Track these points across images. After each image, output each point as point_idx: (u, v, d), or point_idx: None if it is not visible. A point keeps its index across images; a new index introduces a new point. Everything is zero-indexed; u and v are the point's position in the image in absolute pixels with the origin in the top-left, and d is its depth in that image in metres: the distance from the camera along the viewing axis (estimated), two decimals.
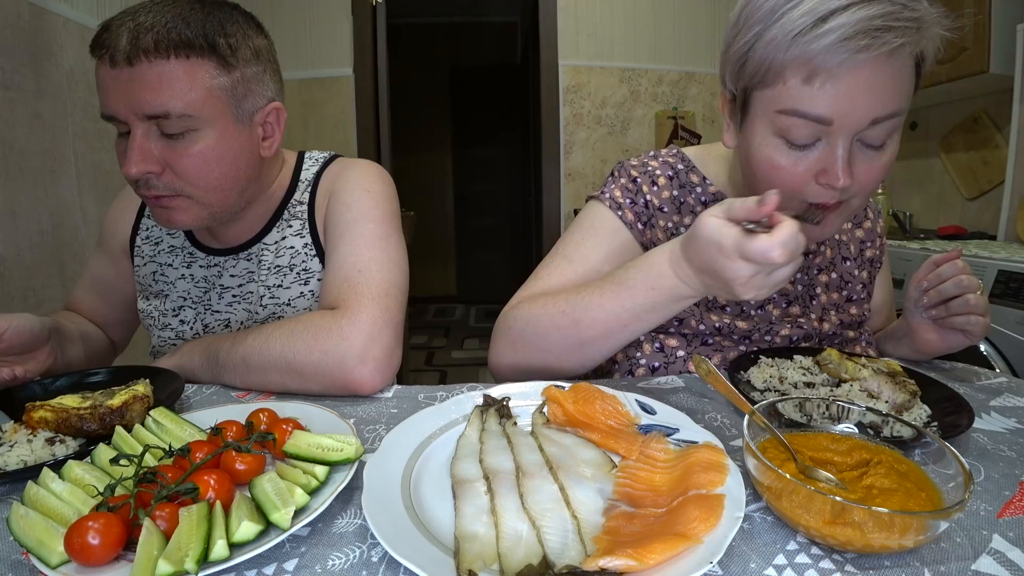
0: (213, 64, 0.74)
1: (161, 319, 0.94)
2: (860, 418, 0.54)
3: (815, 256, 0.87)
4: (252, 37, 0.80)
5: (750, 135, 0.69)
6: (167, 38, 0.70)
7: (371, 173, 0.93)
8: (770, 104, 0.64)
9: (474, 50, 5.37)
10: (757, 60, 0.63)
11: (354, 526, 0.45)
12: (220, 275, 0.92)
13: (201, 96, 0.73)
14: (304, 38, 2.97)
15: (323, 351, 0.72)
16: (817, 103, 0.60)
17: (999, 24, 2.11)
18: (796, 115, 0.62)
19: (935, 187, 2.87)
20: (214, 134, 0.75)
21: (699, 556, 0.38)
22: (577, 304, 0.69)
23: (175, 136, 0.73)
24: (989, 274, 1.67)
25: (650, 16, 3.13)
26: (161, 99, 0.70)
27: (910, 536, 0.38)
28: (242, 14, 0.80)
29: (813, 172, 0.65)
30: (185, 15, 0.72)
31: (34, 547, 0.39)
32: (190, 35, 0.71)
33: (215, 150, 0.76)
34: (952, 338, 0.78)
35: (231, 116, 0.77)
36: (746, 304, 0.83)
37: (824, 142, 0.64)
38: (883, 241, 0.93)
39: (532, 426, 0.60)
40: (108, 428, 0.58)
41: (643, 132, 3.23)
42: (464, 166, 5.57)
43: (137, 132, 0.72)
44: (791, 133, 0.64)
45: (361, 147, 3.02)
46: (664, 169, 0.86)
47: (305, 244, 0.90)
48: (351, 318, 0.74)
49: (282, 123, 0.85)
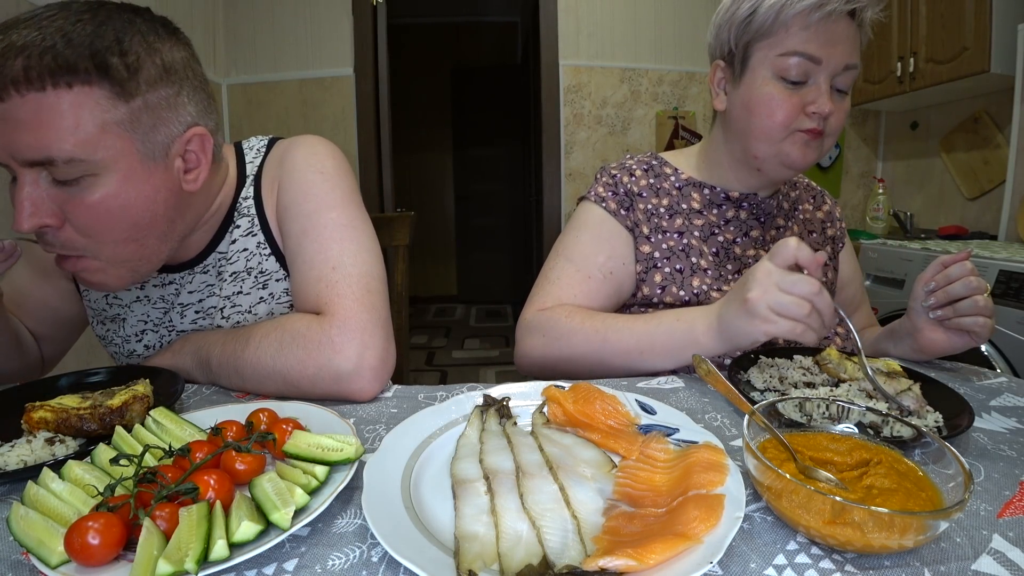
0: (105, 93, 0.59)
1: (124, 345, 0.86)
2: (860, 418, 0.54)
3: (784, 229, 0.97)
4: (160, 51, 0.64)
5: (750, 83, 0.85)
6: (40, 63, 0.55)
7: (319, 149, 0.82)
8: (772, 50, 0.82)
9: (474, 50, 5.38)
10: (762, 16, 0.81)
11: (354, 526, 0.45)
12: (178, 293, 0.83)
13: (92, 134, 0.59)
14: (304, 38, 2.97)
15: (317, 366, 0.69)
16: (811, 45, 0.79)
17: (999, 24, 2.11)
18: (796, 55, 0.80)
19: (936, 187, 2.87)
20: (116, 179, 0.63)
21: (699, 556, 0.38)
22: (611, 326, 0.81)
23: (69, 183, 0.61)
24: (990, 274, 1.67)
25: (651, 16, 3.14)
26: (41, 142, 0.57)
27: (910, 536, 0.38)
28: (147, 20, 0.65)
29: (803, 105, 0.82)
30: (67, 30, 0.57)
31: (34, 547, 0.39)
32: (71, 57, 0.56)
33: (119, 198, 0.63)
34: (957, 339, 0.78)
35: (136, 154, 0.63)
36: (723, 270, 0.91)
37: (812, 81, 0.81)
38: (842, 224, 1.07)
39: (532, 426, 0.60)
40: (108, 428, 0.58)
41: (643, 132, 3.23)
42: (465, 166, 5.57)
43: (24, 180, 0.60)
44: (789, 72, 0.81)
45: (361, 147, 3.03)
46: (640, 165, 0.97)
47: (258, 243, 0.82)
48: (340, 326, 0.70)
49: (208, 150, 0.71)
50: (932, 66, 2.40)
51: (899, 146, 3.14)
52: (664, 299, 0.90)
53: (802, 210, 1.01)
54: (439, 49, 5.37)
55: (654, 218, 0.91)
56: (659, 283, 0.88)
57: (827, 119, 0.81)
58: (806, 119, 0.82)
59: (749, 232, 0.93)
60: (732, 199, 0.93)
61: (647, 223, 0.90)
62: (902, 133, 3.10)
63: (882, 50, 2.70)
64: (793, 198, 1.00)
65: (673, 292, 0.90)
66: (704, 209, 0.93)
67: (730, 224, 0.93)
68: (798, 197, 1.02)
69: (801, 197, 1.02)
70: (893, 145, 3.20)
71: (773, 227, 0.95)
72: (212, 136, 0.72)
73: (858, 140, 3.29)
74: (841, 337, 0.94)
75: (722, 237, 0.91)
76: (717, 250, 0.91)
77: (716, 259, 0.90)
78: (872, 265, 2.17)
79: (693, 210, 0.93)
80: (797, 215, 1.00)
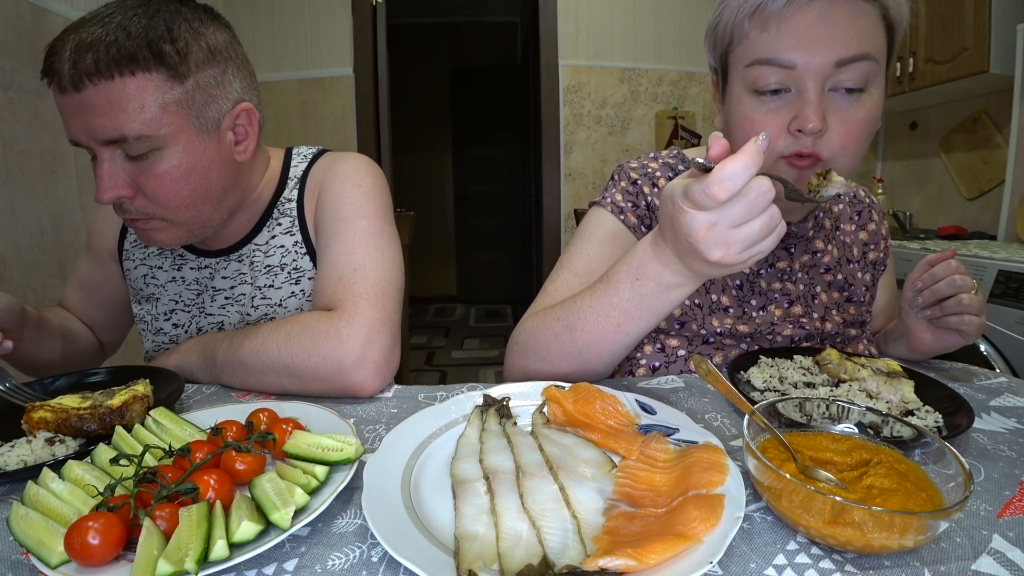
0: (163, 76, 0.68)
1: (154, 323, 0.92)
2: (860, 418, 0.54)
3: (822, 255, 0.86)
4: (205, 35, 0.73)
5: (729, 101, 0.72)
6: (107, 56, 0.65)
7: (361, 167, 0.90)
8: (740, 61, 0.69)
9: (474, 50, 5.37)
10: (724, 23, 0.69)
11: (354, 526, 0.45)
12: (212, 277, 0.90)
13: (156, 114, 0.68)
14: (304, 38, 2.97)
15: (321, 355, 0.71)
16: (776, 47, 0.64)
17: (999, 24, 2.12)
18: (760, 63, 0.66)
19: (935, 187, 2.87)
20: (178, 151, 0.72)
21: (699, 556, 0.38)
22: (570, 309, 0.68)
23: (139, 158, 0.70)
24: (989, 274, 1.67)
25: (650, 16, 3.14)
26: (114, 123, 0.67)
27: (910, 536, 0.38)
28: (192, 8, 0.73)
29: (786, 122, 0.66)
30: (125, 24, 0.66)
31: (34, 547, 0.39)
32: (131, 48, 0.65)
33: (181, 167, 0.72)
34: (947, 338, 0.78)
35: (194, 128, 0.72)
36: (747, 306, 0.82)
37: (794, 90, 0.66)
38: (887, 244, 0.94)
39: (532, 426, 0.60)
40: (108, 428, 0.58)
41: (643, 132, 3.23)
42: (464, 166, 5.57)
43: (103, 158, 0.70)
44: (759, 83, 0.66)
45: (361, 147, 3.02)
46: (664, 171, 0.86)
47: (295, 242, 0.88)
48: (348, 320, 0.73)
49: (255, 123, 0.80)
50: (931, 66, 2.40)
51: (898, 146, 3.14)
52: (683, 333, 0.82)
53: (843, 231, 0.89)
54: (439, 49, 5.37)
55: None
56: (677, 317, 0.79)
57: (823, 137, 0.65)
58: (789, 140, 0.66)
59: (776, 263, 0.83)
60: None
61: None
62: (901, 133, 3.10)
63: None
64: (836, 214, 0.88)
65: (692, 329, 0.82)
66: None
67: None
68: (841, 213, 0.89)
69: (844, 214, 0.89)
70: (892, 145, 3.20)
71: (807, 252, 0.83)
72: (258, 110, 0.81)
73: None
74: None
75: (747, 269, 0.81)
76: (741, 283, 0.82)
77: (740, 293, 0.81)
78: None
79: None
80: (837, 236, 0.88)
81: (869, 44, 0.64)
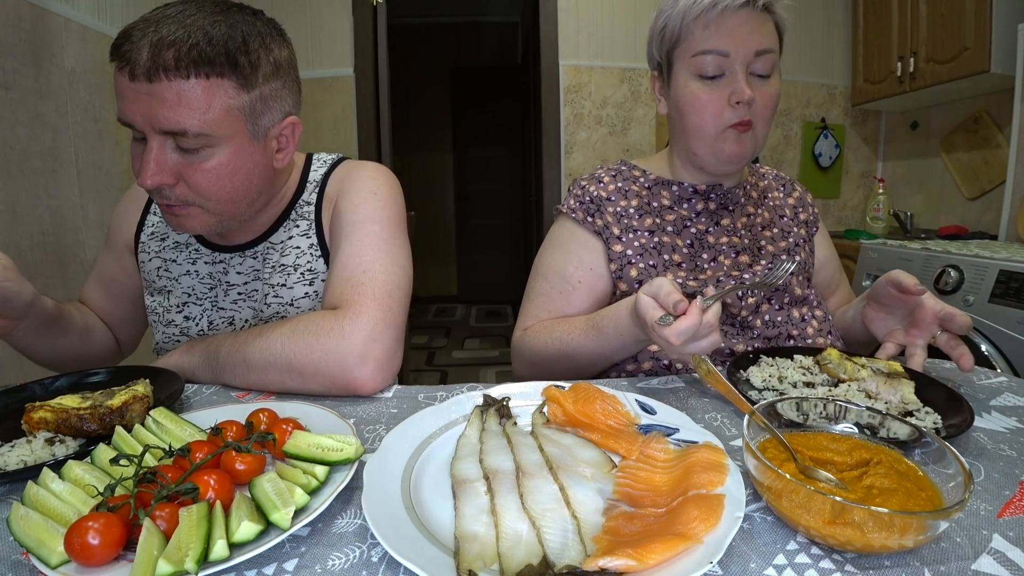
0: (233, 84, 0.72)
1: (165, 315, 0.94)
2: (859, 418, 0.54)
3: (755, 216, 1.01)
4: (273, 50, 0.78)
5: (676, 88, 0.92)
6: (188, 56, 0.68)
7: (378, 176, 0.93)
8: (686, 53, 0.89)
9: (474, 50, 5.37)
10: (671, 27, 0.91)
11: (354, 526, 0.45)
12: (226, 272, 0.92)
13: (219, 116, 0.72)
14: (304, 38, 2.97)
15: (324, 351, 0.72)
16: (715, 41, 0.86)
17: (999, 24, 2.11)
18: (705, 53, 0.87)
19: (936, 187, 2.87)
20: (229, 151, 0.75)
21: (699, 556, 0.38)
22: (568, 343, 0.86)
23: (190, 151, 0.73)
24: (990, 274, 1.67)
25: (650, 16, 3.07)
26: (179, 117, 0.70)
27: (910, 536, 0.38)
28: (265, 23, 0.78)
29: (726, 98, 0.87)
30: (208, 29, 0.70)
31: (34, 547, 0.39)
32: (211, 54, 0.69)
33: (228, 166, 0.76)
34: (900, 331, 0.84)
35: (247, 134, 0.76)
36: (699, 260, 0.95)
37: (728, 74, 0.87)
38: (815, 210, 1.10)
39: (532, 426, 0.60)
40: (108, 428, 0.58)
41: (644, 132, 3.23)
42: (464, 166, 5.57)
43: (153, 144, 0.72)
44: (704, 68, 0.88)
45: (361, 147, 3.02)
46: (608, 172, 1.02)
47: (311, 244, 0.91)
48: (353, 318, 0.74)
49: (297, 135, 0.84)
50: (932, 66, 2.40)
51: (899, 146, 3.14)
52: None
53: (772, 197, 1.06)
54: (439, 49, 5.36)
55: (624, 219, 0.95)
56: (635, 278, 0.91)
57: (752, 105, 0.87)
58: (732, 112, 0.87)
59: (720, 221, 0.97)
60: (700, 192, 0.97)
61: (617, 224, 0.94)
62: (902, 133, 3.09)
63: (882, 50, 2.70)
64: (762, 187, 1.06)
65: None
66: (675, 205, 0.97)
67: (701, 216, 0.97)
68: (767, 187, 1.07)
69: (770, 186, 1.08)
70: (893, 145, 3.19)
71: (743, 215, 1.00)
72: (301, 124, 0.85)
73: (858, 140, 3.28)
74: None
75: (695, 228, 0.96)
76: (691, 241, 0.95)
77: (691, 250, 0.95)
78: (872, 265, 2.17)
79: (664, 207, 0.97)
80: (767, 202, 1.04)
81: (772, 42, 0.88)
